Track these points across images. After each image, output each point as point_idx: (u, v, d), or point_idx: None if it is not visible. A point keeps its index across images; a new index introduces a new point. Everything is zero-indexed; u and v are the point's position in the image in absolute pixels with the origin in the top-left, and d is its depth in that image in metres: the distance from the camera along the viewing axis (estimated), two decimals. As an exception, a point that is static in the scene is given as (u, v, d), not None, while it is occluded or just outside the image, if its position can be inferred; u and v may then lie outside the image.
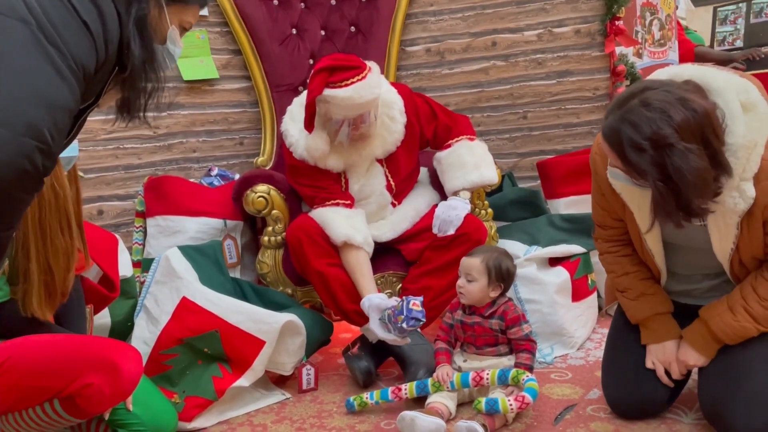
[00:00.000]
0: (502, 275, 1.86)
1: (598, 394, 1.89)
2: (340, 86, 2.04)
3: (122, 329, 2.13)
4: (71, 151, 1.46)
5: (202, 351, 1.96)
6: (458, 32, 2.95)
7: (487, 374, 1.80)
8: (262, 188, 2.23)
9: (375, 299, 2.00)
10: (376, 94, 2.10)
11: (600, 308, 2.53)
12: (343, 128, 2.11)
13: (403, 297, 1.93)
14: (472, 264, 1.87)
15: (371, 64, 2.14)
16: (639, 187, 1.47)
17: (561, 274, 2.30)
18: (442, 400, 1.81)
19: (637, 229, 1.64)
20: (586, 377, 2.03)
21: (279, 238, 2.25)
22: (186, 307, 1.98)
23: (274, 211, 2.24)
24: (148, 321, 2.03)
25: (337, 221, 2.11)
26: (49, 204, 1.45)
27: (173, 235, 2.35)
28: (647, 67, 3.36)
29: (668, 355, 1.66)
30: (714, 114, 1.36)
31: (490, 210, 2.41)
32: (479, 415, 1.70)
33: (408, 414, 1.72)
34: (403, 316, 1.86)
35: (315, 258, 2.08)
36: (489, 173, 2.28)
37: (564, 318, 2.26)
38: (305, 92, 2.25)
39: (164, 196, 2.38)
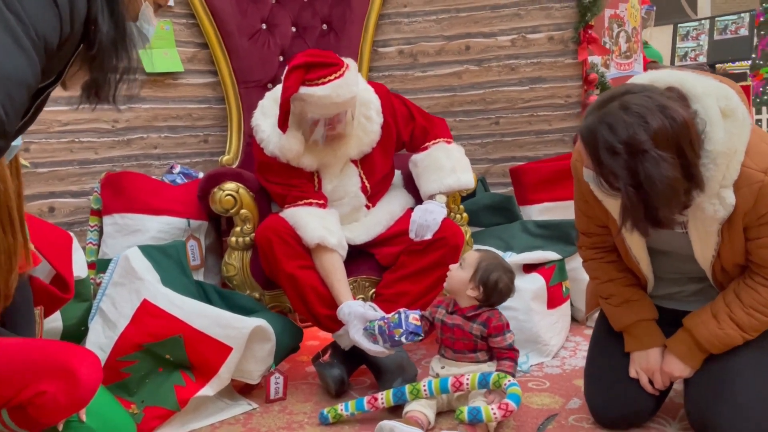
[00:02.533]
0: (487, 282, 1.80)
1: (579, 403, 1.85)
2: (317, 84, 1.95)
3: (75, 334, 1.97)
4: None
5: (164, 358, 1.84)
6: (432, 35, 2.91)
7: (467, 379, 1.73)
8: (230, 186, 2.12)
9: (357, 307, 1.91)
10: (353, 92, 2.02)
11: (572, 318, 2.49)
12: (318, 127, 2.02)
13: (400, 309, 1.84)
14: (470, 254, 1.85)
15: (349, 62, 2.06)
16: (607, 195, 1.44)
17: (537, 280, 2.25)
18: (421, 409, 1.73)
19: (622, 236, 1.61)
20: (565, 386, 1.99)
21: (247, 239, 2.14)
22: (147, 310, 1.85)
23: (242, 211, 2.13)
24: (104, 325, 1.89)
25: (310, 222, 2.02)
26: None
27: (132, 235, 2.21)
28: (614, 78, 3.38)
29: (652, 364, 1.62)
30: (693, 125, 1.34)
31: (465, 215, 2.36)
32: (461, 425, 1.63)
33: (387, 424, 1.63)
34: (401, 330, 1.77)
35: (286, 260, 1.98)
36: (466, 177, 2.23)
37: (539, 325, 2.21)
38: (278, 87, 2.16)
39: (123, 192, 2.24)
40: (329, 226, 2.04)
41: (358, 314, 1.89)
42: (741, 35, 4.13)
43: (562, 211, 2.54)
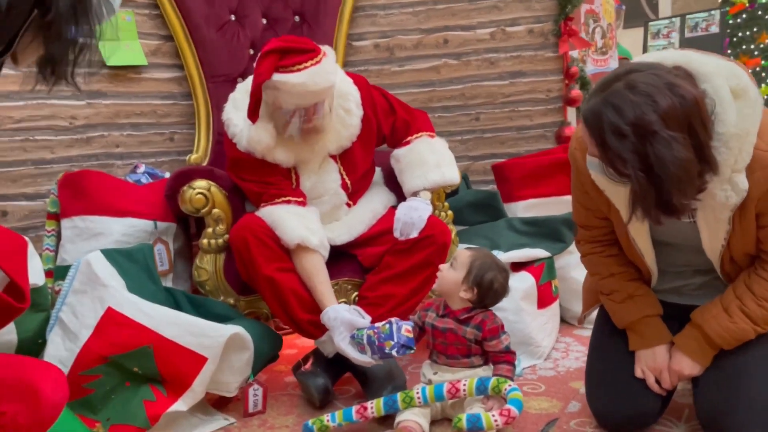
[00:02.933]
0: (481, 282, 1.69)
1: (579, 406, 1.75)
2: (292, 71, 1.82)
3: (31, 347, 1.79)
4: None
5: (131, 371, 1.68)
6: (409, 28, 2.81)
7: (464, 384, 1.62)
8: (201, 184, 1.97)
9: (344, 313, 1.78)
10: (331, 81, 1.89)
11: (561, 319, 2.41)
12: (294, 120, 1.89)
13: (391, 319, 1.71)
14: (461, 253, 1.73)
15: (326, 49, 1.94)
16: (614, 183, 1.35)
17: (526, 279, 2.16)
18: (414, 418, 1.61)
19: (625, 228, 1.52)
20: (562, 389, 1.89)
21: (220, 240, 1.99)
22: (112, 319, 1.69)
23: (215, 210, 1.98)
24: (64, 337, 1.72)
25: (289, 221, 1.88)
26: None
27: (94, 238, 2.04)
28: (591, 75, 3.33)
29: (659, 362, 1.53)
30: (703, 103, 1.26)
31: (450, 212, 2.25)
32: (459, 434, 1.51)
33: (379, 436, 1.51)
34: (392, 342, 1.65)
35: (264, 262, 1.84)
36: (451, 172, 2.12)
37: (530, 326, 2.11)
38: (251, 78, 2.02)
39: (83, 193, 2.07)
40: (310, 225, 1.91)
41: (345, 320, 1.76)
42: (711, 32, 4.15)
43: (548, 207, 2.46)
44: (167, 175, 2.33)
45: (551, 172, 2.48)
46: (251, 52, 2.57)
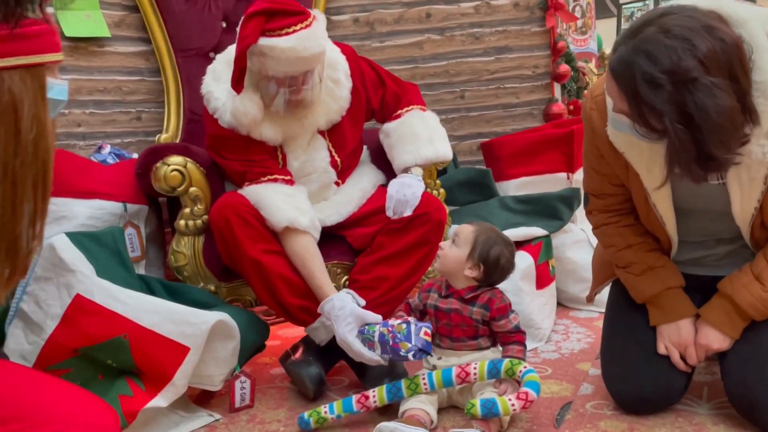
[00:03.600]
0: (487, 258, 1.57)
1: (591, 388, 1.65)
2: (281, 35, 1.66)
3: (-12, 343, 1.60)
4: (60, 93, 0.99)
5: (105, 363, 1.51)
6: (389, 1, 2.67)
7: (475, 368, 1.49)
8: (176, 160, 1.80)
9: (355, 306, 1.63)
10: (322, 47, 1.74)
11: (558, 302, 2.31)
12: (281, 91, 1.73)
13: (409, 319, 1.56)
14: (463, 229, 1.60)
15: (316, 13, 1.79)
16: (647, 141, 1.25)
17: (524, 258, 2.05)
18: (421, 406, 1.48)
19: (644, 194, 1.42)
20: (570, 371, 1.78)
21: (199, 222, 1.82)
22: (81, 307, 1.51)
23: (192, 189, 1.81)
24: (26, 329, 1.54)
25: (276, 201, 1.72)
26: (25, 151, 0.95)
27: (56, 223, 1.84)
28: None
29: (684, 337, 1.43)
30: (742, 47, 1.16)
31: (442, 190, 2.12)
32: (473, 421, 1.39)
33: (387, 426, 1.37)
34: (410, 345, 1.49)
35: (249, 243, 1.67)
36: (443, 148, 1.99)
37: (530, 307, 2.01)
38: (231, 48, 1.86)
39: (44, 173, 1.87)
40: (299, 205, 1.75)
41: (355, 314, 1.61)
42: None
43: (541, 185, 2.36)
44: (135, 156, 2.15)
45: (543, 148, 2.38)
46: (223, 25, 2.39)
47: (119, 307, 1.52)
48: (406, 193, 1.85)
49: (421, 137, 1.96)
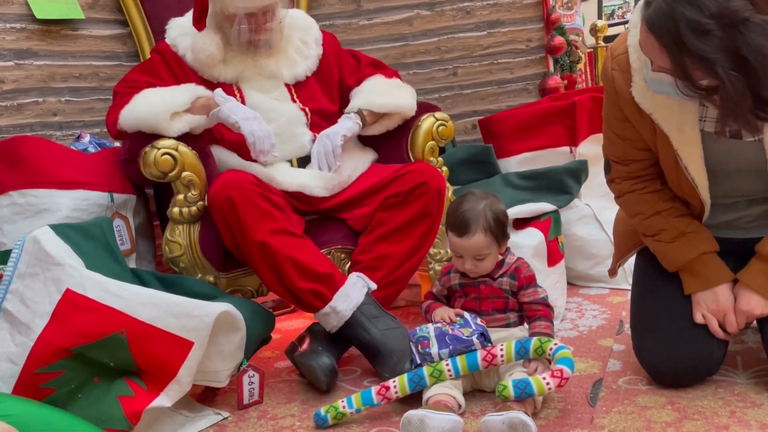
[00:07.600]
0: (504, 227, 1.49)
1: (619, 364, 1.57)
2: None
3: (-31, 348, 1.46)
4: None
5: (101, 363, 1.38)
6: (376, -24, 2.57)
7: (501, 349, 1.40)
8: (166, 143, 1.67)
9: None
10: None
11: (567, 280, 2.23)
12: (242, 27, 1.77)
13: (463, 313, 1.50)
14: (479, 243, 1.46)
15: None
16: (690, 100, 1.17)
17: (535, 235, 1.97)
18: (447, 391, 1.38)
19: (674, 157, 1.34)
20: (593, 348, 1.71)
21: (194, 208, 1.70)
22: (72, 303, 1.38)
23: (185, 174, 1.68)
24: (12, 330, 1.40)
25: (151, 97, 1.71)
26: None
27: (38, 216, 1.71)
28: (561, 30, 3.19)
29: (723, 304, 1.36)
30: None
31: (445, 168, 2.02)
32: (507, 403, 1.30)
33: (415, 415, 1.27)
34: (471, 329, 1.43)
35: (255, 225, 1.56)
36: (397, 100, 1.91)
37: (544, 285, 1.91)
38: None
39: (21, 163, 1.73)
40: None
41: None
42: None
43: (544, 159, 2.28)
44: (118, 145, 2.01)
45: (544, 122, 2.30)
46: (204, 4, 2.27)
47: (114, 302, 1.39)
48: (326, 144, 1.80)
49: (375, 90, 1.93)
